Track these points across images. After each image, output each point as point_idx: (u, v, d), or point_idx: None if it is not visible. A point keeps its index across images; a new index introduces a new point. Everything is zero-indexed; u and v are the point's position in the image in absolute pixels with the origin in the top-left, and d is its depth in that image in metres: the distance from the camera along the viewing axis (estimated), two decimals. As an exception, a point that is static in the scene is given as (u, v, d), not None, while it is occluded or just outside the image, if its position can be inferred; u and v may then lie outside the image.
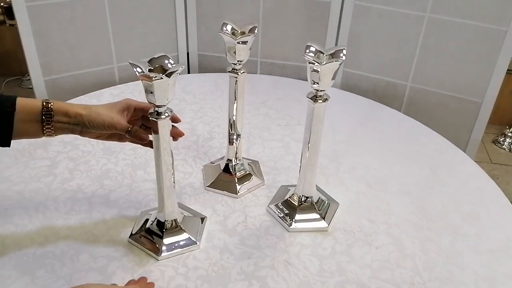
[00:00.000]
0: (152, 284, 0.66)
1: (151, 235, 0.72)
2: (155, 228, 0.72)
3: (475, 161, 0.99)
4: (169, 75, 0.61)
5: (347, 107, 1.16)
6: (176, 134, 0.75)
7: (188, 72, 1.37)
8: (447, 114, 1.19)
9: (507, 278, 0.71)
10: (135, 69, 0.61)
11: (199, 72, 1.37)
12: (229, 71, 0.76)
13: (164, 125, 0.64)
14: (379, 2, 1.14)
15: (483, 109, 1.14)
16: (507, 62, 1.08)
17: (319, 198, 0.80)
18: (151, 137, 0.69)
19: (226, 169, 0.86)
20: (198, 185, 0.86)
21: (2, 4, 2.74)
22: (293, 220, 0.77)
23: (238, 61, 0.74)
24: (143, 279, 0.66)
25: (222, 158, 0.90)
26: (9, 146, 0.66)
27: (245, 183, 0.85)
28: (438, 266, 0.72)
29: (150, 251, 0.71)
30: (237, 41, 0.71)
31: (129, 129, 0.70)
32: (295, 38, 1.26)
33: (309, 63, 0.65)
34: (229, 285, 0.67)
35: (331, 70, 0.64)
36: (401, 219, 0.81)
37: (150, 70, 0.62)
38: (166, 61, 0.63)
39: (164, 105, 0.63)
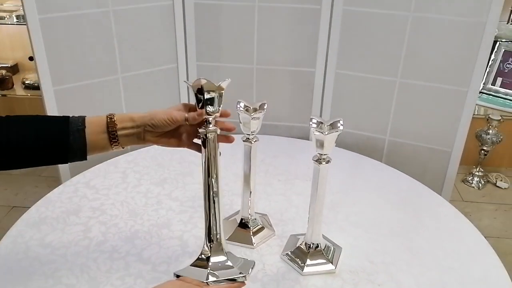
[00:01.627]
0: None
1: None
2: None
3: (450, 201, 1.15)
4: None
5: (335, 160, 1.31)
6: (227, 129, 0.80)
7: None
8: (423, 162, 1.37)
9: (488, 302, 0.85)
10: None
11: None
12: (244, 141, 0.91)
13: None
14: (357, 69, 1.33)
15: (453, 156, 1.31)
16: (470, 116, 1.27)
17: (326, 245, 0.93)
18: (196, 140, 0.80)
19: (242, 224, 0.98)
20: (218, 239, 0.98)
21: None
22: (305, 264, 0.89)
23: (252, 131, 0.89)
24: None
25: (236, 213, 1.03)
26: (86, 159, 0.77)
27: (259, 235, 0.97)
28: (431, 296, 0.86)
29: None
30: (252, 117, 0.86)
31: (186, 117, 0.77)
32: (285, 101, 1.44)
33: (315, 133, 0.80)
34: (259, 324, 0.78)
35: (333, 138, 0.80)
36: (395, 258, 0.95)
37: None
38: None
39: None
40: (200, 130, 0.76)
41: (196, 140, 0.81)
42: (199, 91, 0.75)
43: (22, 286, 0.84)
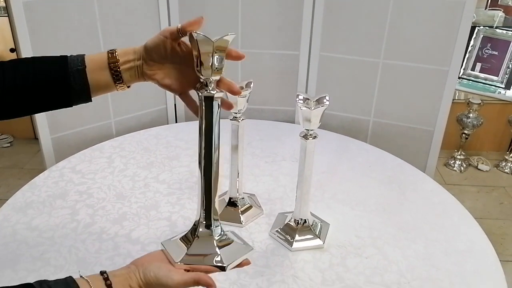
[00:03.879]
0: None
1: None
2: None
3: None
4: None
5: (322, 142, 1.33)
6: (232, 92, 0.71)
7: (176, 122, 1.51)
8: (406, 142, 1.39)
9: (474, 273, 0.87)
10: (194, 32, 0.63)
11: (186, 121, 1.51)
12: (231, 119, 0.91)
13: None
14: (340, 52, 1.34)
15: (435, 135, 1.34)
16: (451, 96, 1.30)
17: (313, 221, 0.95)
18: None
19: (231, 203, 0.99)
20: (207, 219, 0.99)
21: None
22: (294, 240, 0.90)
23: (239, 110, 0.90)
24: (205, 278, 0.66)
25: (225, 194, 1.03)
26: (91, 101, 0.71)
27: (247, 213, 0.98)
28: (418, 267, 0.88)
29: None
30: (239, 96, 0.86)
31: (178, 27, 0.68)
32: (270, 86, 1.44)
33: (301, 108, 0.80)
34: (250, 298, 0.79)
35: (319, 113, 0.81)
36: (382, 233, 0.97)
37: None
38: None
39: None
40: (200, 94, 0.66)
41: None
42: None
43: (10, 269, 0.83)
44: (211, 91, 0.67)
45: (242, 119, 0.91)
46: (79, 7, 1.27)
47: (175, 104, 1.47)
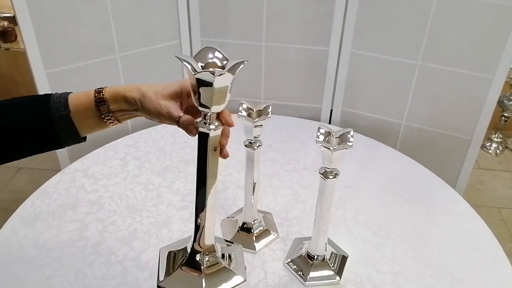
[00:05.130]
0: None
1: None
2: None
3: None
4: (232, 71, 0.53)
5: (347, 146, 1.25)
6: (227, 124, 0.63)
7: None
8: (440, 150, 1.29)
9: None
10: (186, 66, 0.54)
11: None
12: (245, 145, 0.84)
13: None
14: (374, 50, 1.23)
15: (472, 145, 1.23)
16: (493, 105, 1.17)
17: (331, 253, 0.89)
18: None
19: (244, 227, 0.94)
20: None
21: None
22: (308, 276, 0.85)
23: (254, 137, 0.82)
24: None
25: (239, 212, 0.98)
26: (85, 141, 0.67)
27: (262, 240, 0.93)
28: (440, 313, 0.82)
29: None
30: (255, 125, 0.78)
31: (179, 118, 0.63)
32: (295, 81, 1.35)
33: (321, 149, 0.72)
34: None
35: (341, 155, 0.72)
36: (404, 267, 0.90)
37: (202, 68, 0.56)
38: (211, 55, 0.56)
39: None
40: (197, 125, 0.61)
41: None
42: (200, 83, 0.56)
43: (15, 296, 0.81)
44: (208, 127, 0.60)
45: (259, 146, 0.84)
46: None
47: (190, 38, 1.35)
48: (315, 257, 0.86)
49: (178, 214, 1.01)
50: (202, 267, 0.70)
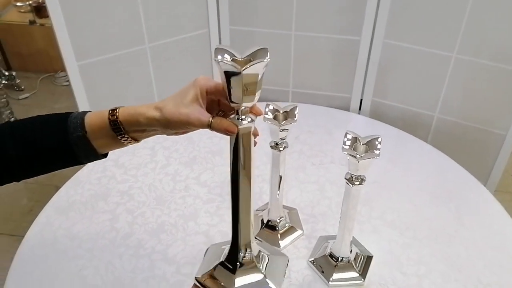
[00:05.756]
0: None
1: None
2: None
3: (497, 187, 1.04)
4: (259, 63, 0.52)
5: (376, 138, 1.23)
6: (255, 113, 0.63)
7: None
8: (473, 144, 1.25)
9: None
10: (216, 58, 0.53)
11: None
12: (271, 146, 0.84)
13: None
14: (407, 40, 1.18)
15: (507, 140, 1.19)
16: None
17: (356, 254, 0.89)
18: None
19: (269, 225, 0.94)
20: (244, 236, 0.96)
21: (31, 3, 2.82)
22: (332, 278, 0.86)
23: (280, 139, 0.82)
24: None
25: (264, 206, 0.99)
26: (105, 157, 0.68)
27: (287, 237, 0.94)
28: (464, 320, 0.81)
29: None
30: (281, 129, 0.78)
31: (210, 122, 0.61)
32: (325, 70, 1.32)
33: (348, 157, 0.71)
34: None
35: (368, 162, 0.71)
36: (430, 269, 0.89)
37: (233, 60, 0.54)
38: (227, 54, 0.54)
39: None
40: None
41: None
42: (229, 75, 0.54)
43: (48, 286, 0.85)
44: (241, 122, 0.60)
45: (285, 147, 0.83)
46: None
47: (219, 26, 1.34)
48: (339, 259, 0.86)
49: (204, 207, 1.02)
50: (237, 267, 0.70)
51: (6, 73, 2.72)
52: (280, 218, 0.94)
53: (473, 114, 1.21)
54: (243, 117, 0.59)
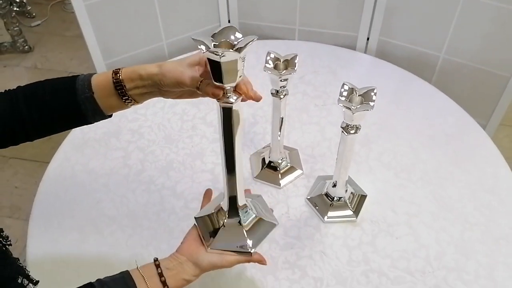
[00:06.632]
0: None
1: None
2: None
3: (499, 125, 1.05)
4: (239, 50, 0.56)
5: (380, 79, 1.24)
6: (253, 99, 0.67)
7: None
8: (476, 86, 1.25)
9: (505, 265, 0.86)
10: (199, 46, 0.56)
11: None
12: (272, 93, 0.87)
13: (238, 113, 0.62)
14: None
15: (510, 83, 1.19)
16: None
17: (351, 193, 0.95)
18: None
19: (271, 165, 1.00)
20: (247, 175, 1.02)
21: None
22: (327, 215, 0.93)
23: (281, 87, 0.85)
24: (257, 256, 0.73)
25: (266, 148, 1.04)
26: (111, 117, 0.74)
27: (287, 176, 1.00)
28: (447, 255, 0.88)
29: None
30: (281, 78, 0.81)
31: (199, 84, 0.65)
32: (331, 7, 1.30)
33: (343, 109, 0.74)
34: (276, 273, 0.86)
35: (361, 116, 0.75)
36: (420, 209, 0.95)
37: (215, 46, 0.58)
38: (232, 35, 0.58)
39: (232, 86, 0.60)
40: (218, 103, 0.63)
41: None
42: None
43: (70, 217, 0.94)
44: (228, 100, 0.62)
45: (285, 95, 0.87)
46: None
47: (228, 21, 1.39)
48: (335, 198, 0.93)
49: (210, 146, 1.08)
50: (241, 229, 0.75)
51: (17, 0, 2.70)
52: (282, 159, 1.00)
53: (479, 55, 1.21)
54: (228, 95, 0.62)
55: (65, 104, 0.68)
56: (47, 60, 2.57)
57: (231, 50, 0.56)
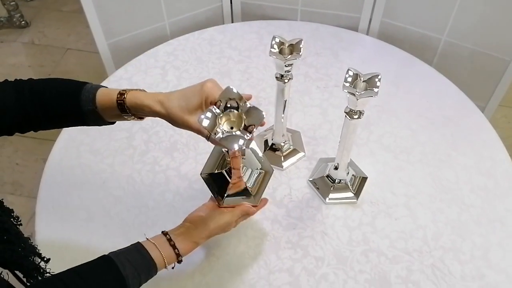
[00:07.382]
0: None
1: None
2: None
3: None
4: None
5: (381, 61, 1.25)
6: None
7: (232, 21, 1.44)
8: (477, 69, 1.27)
9: (499, 246, 0.90)
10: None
11: (242, 20, 1.44)
12: (276, 77, 0.88)
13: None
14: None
15: (510, 67, 1.21)
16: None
17: (352, 176, 0.97)
18: None
19: (273, 147, 1.02)
20: (251, 156, 1.04)
21: None
22: (328, 197, 0.95)
23: (286, 71, 0.86)
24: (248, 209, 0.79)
25: (269, 130, 1.06)
26: (114, 123, 0.77)
27: (289, 158, 1.02)
28: (444, 236, 0.91)
29: None
30: (286, 63, 0.81)
31: (208, 136, 0.70)
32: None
33: (347, 95, 0.76)
34: (279, 252, 0.89)
35: (365, 102, 0.76)
36: (418, 191, 0.98)
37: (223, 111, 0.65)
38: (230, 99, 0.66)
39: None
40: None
41: None
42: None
43: (77, 196, 0.96)
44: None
45: (289, 80, 0.88)
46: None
47: (231, 1, 1.39)
48: (336, 181, 0.95)
49: (214, 128, 1.09)
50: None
51: (12, -26, 2.65)
52: (284, 142, 1.02)
53: (480, 38, 1.22)
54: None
55: (69, 111, 0.72)
56: (44, 36, 2.54)
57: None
